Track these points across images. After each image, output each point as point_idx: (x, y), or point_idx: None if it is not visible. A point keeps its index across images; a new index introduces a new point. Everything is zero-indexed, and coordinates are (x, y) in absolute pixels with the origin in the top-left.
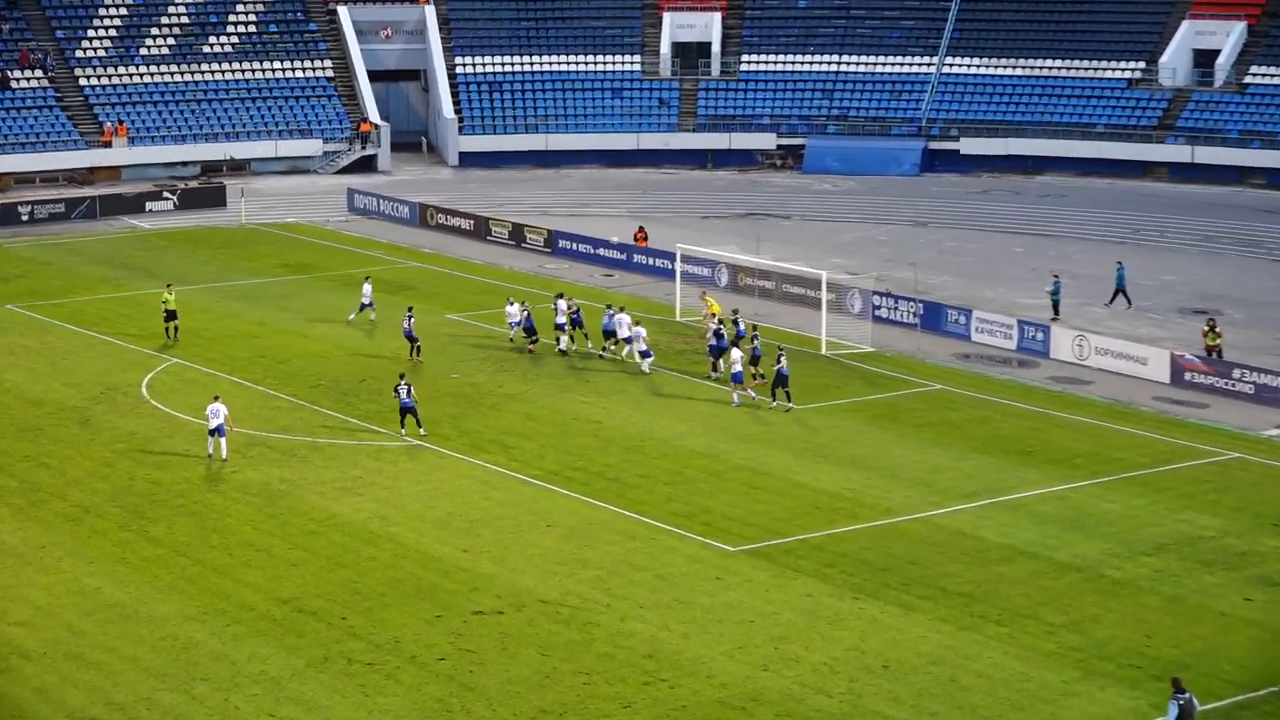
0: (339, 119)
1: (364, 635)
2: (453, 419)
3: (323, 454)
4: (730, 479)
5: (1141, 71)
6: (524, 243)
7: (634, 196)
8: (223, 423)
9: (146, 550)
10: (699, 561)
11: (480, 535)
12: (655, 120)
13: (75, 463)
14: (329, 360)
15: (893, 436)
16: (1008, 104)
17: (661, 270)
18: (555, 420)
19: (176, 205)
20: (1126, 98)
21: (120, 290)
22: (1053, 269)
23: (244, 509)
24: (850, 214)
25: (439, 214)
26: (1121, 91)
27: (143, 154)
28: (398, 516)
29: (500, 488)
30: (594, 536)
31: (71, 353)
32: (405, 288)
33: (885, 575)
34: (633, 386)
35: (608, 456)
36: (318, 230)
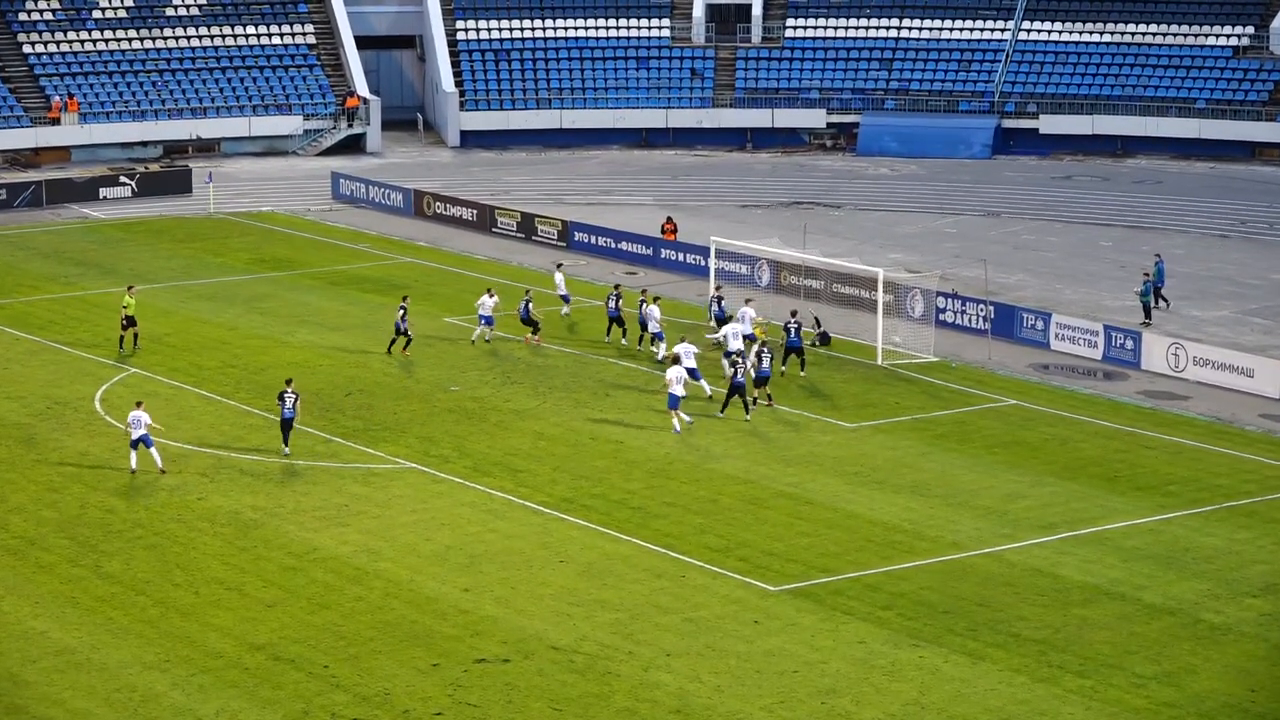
0: (322, 92)
1: (349, 687)
2: (453, 438)
3: (302, 478)
4: (771, 508)
5: (1249, 39)
6: (535, 235)
7: (662, 182)
8: (146, 432)
9: (100, 588)
10: (735, 603)
11: (483, 572)
12: (687, 94)
13: (18, 487)
14: (310, 371)
15: (959, 459)
16: (1094, 76)
17: (693, 267)
18: (570, 440)
19: (135, 192)
20: (1232, 69)
21: (70, 290)
22: (1144, 267)
23: (212, 541)
24: (911, 203)
25: (437, 202)
26: (1226, 61)
27: (96, 133)
28: (388, 550)
29: (506, 517)
30: (614, 574)
31: (14, 361)
32: (398, 287)
33: (949, 619)
34: (659, 402)
35: (630, 482)
36: (297, 221)
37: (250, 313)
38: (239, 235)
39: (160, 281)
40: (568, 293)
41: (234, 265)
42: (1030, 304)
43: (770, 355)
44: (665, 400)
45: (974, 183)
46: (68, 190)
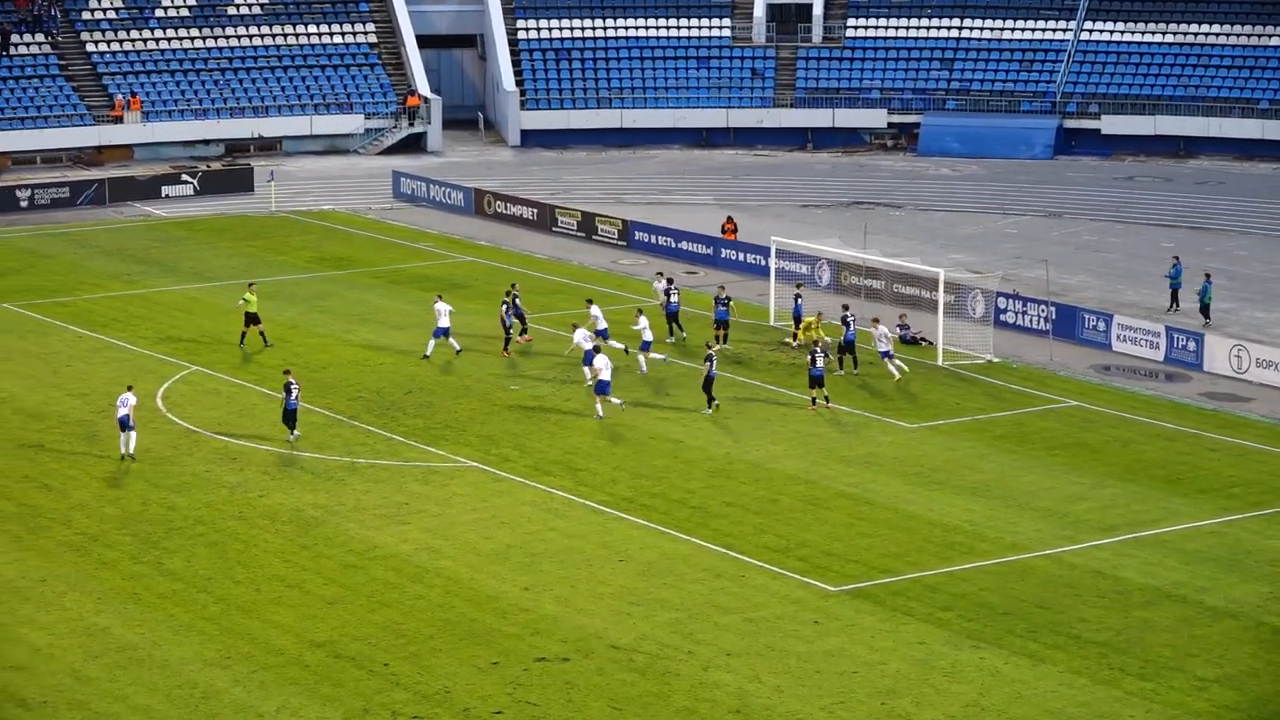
0: (383, 91)
1: (409, 685)
2: (513, 437)
3: (363, 476)
4: (831, 508)
5: None
6: (595, 234)
7: (722, 182)
8: (129, 413)
9: (161, 585)
10: (794, 603)
11: (543, 571)
12: (748, 94)
13: (80, 484)
14: (371, 369)
15: (1020, 460)
16: (1156, 76)
17: (753, 267)
18: (629, 439)
19: (197, 190)
20: None
21: (132, 287)
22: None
23: (273, 539)
24: (972, 203)
25: (497, 201)
26: None
27: (158, 131)
28: (449, 549)
29: (566, 516)
30: (673, 573)
31: (76, 358)
32: (458, 285)
33: (1009, 620)
34: (720, 400)
35: (690, 481)
36: (358, 219)
37: (311, 311)
38: (300, 234)
39: (221, 280)
40: (606, 327)
41: (295, 264)
42: (1092, 305)
43: (825, 355)
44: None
45: (1035, 183)
46: (130, 188)
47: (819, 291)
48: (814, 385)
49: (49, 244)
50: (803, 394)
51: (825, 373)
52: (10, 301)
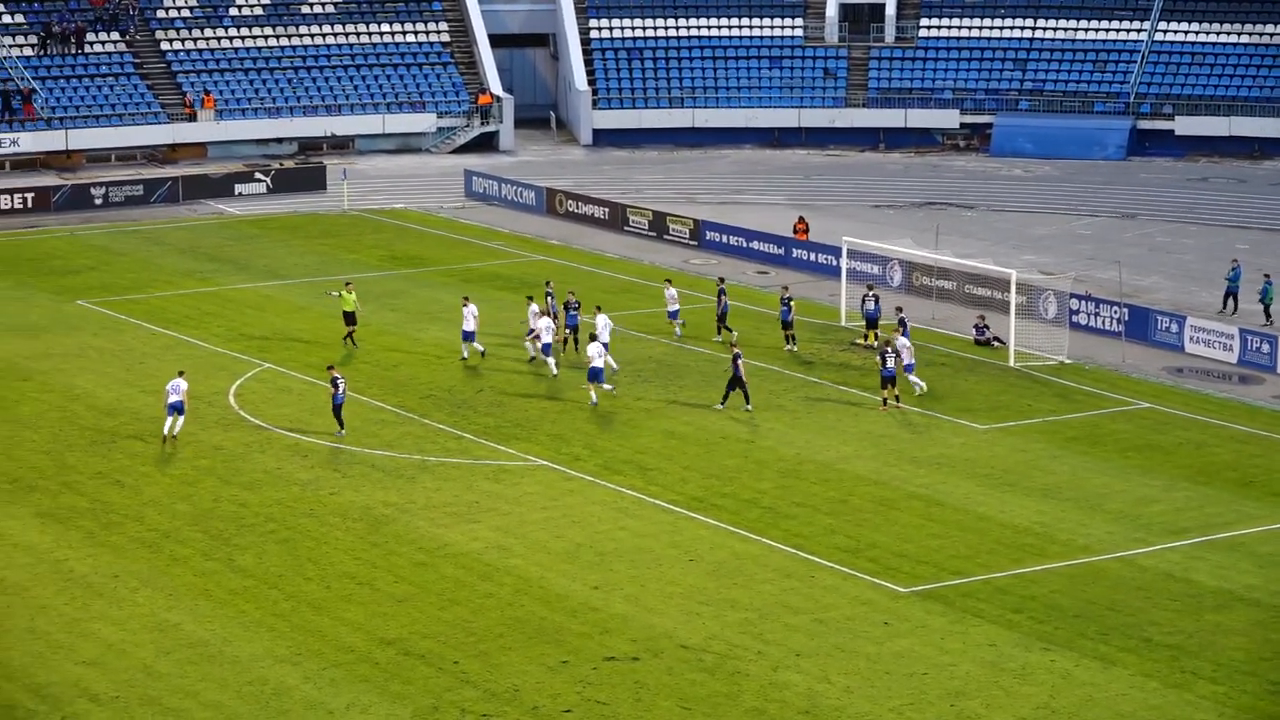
0: (455, 90)
1: (479, 682)
2: (583, 436)
3: (434, 474)
4: (902, 509)
5: None
6: (666, 234)
7: (794, 182)
8: (182, 399)
9: (232, 581)
10: (865, 604)
11: (613, 570)
12: (820, 94)
13: (153, 481)
14: (442, 367)
15: (1091, 462)
16: (1230, 77)
17: (824, 267)
18: (700, 439)
19: (270, 188)
20: None
21: (205, 285)
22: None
23: (344, 536)
24: (1045, 204)
25: (569, 200)
26: None
27: (231, 129)
28: (519, 547)
29: (636, 516)
30: (744, 573)
31: (149, 356)
32: (529, 285)
33: (1080, 623)
34: (789, 401)
35: (760, 481)
36: (430, 218)
37: (382, 309)
38: (372, 232)
39: (293, 278)
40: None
41: (367, 262)
42: (1164, 306)
43: (895, 355)
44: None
45: (1108, 184)
46: (203, 186)
47: (890, 292)
48: (885, 385)
49: (122, 241)
50: (873, 394)
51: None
52: (85, 298)
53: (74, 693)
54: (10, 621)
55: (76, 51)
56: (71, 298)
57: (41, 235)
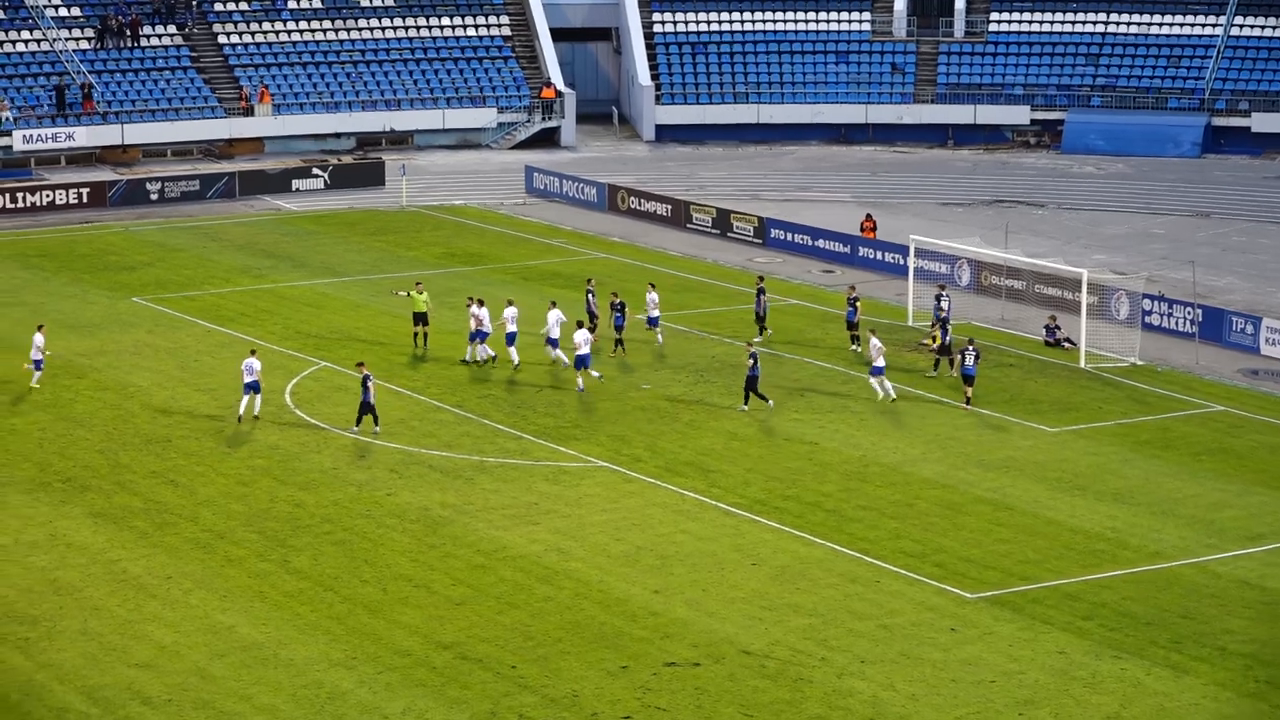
0: (516, 85)
1: (537, 688)
2: (644, 437)
3: (492, 475)
4: (969, 513)
5: None
6: (730, 232)
7: (861, 179)
8: (257, 379)
9: (288, 583)
10: (931, 610)
11: (674, 573)
12: (887, 89)
13: (208, 480)
14: (502, 366)
15: (1164, 466)
16: None
17: (892, 266)
18: (763, 440)
19: (327, 184)
20: None
21: (261, 282)
22: None
23: (400, 538)
24: (1117, 202)
25: (631, 197)
26: None
27: (289, 124)
28: (578, 550)
29: (698, 518)
30: (807, 578)
31: (205, 353)
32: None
33: (1152, 630)
34: (855, 402)
35: (824, 484)
36: (490, 215)
37: (440, 308)
38: (431, 229)
39: (351, 275)
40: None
41: (425, 259)
42: (1239, 307)
43: (976, 354)
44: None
45: (1183, 182)
46: (260, 182)
47: (959, 292)
48: (968, 383)
49: (178, 237)
50: (938, 396)
51: (976, 371)
52: (140, 295)
53: (126, 696)
54: (63, 623)
55: (132, 45)
56: (127, 294)
57: (97, 231)
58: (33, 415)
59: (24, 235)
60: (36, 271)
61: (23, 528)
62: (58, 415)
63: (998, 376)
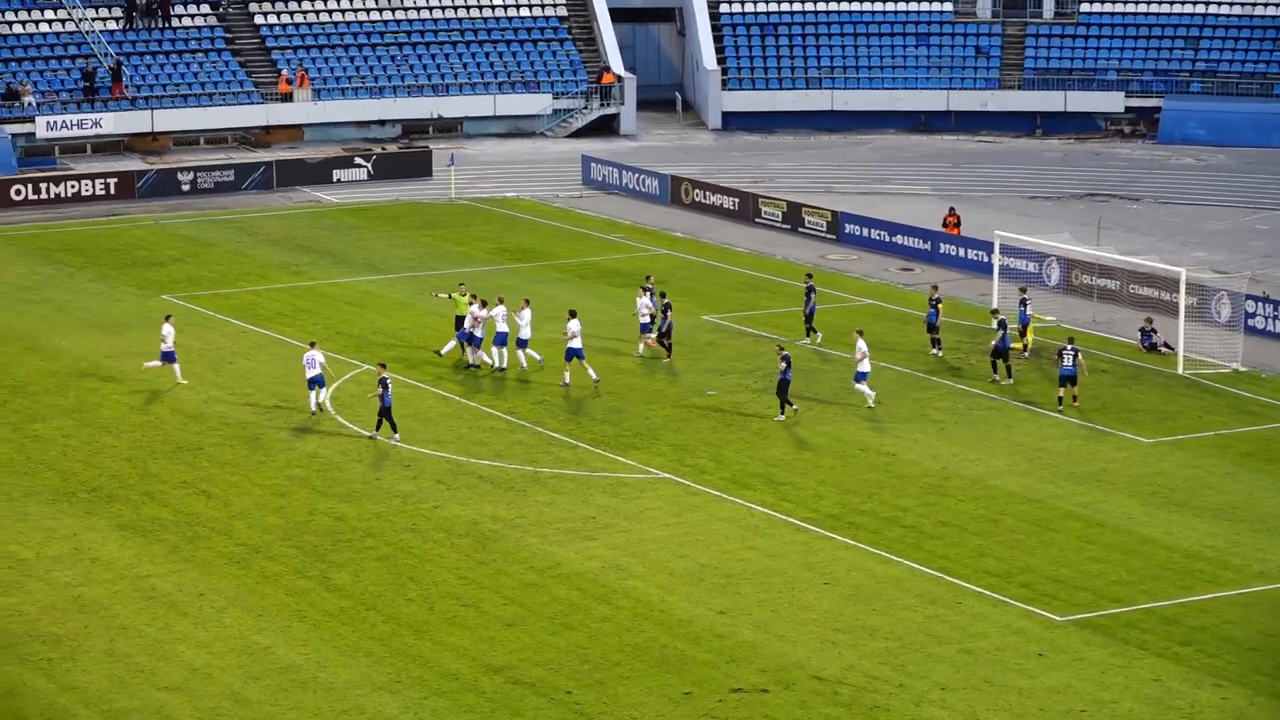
0: (573, 69)
1: (594, 714)
2: (710, 447)
3: (546, 487)
4: (1058, 530)
5: None
6: (802, 227)
7: (942, 170)
8: (320, 371)
9: (328, 602)
10: (1017, 633)
11: (741, 593)
12: (971, 75)
13: (242, 491)
14: (556, 371)
15: (1268, 480)
16: None
17: (974, 264)
18: (837, 450)
19: (370, 174)
20: None
21: (300, 279)
22: None
23: (448, 554)
24: (1218, 196)
25: (696, 189)
26: None
27: (330, 110)
28: (638, 567)
29: (767, 534)
30: (884, 598)
31: (239, 355)
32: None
33: (1255, 657)
34: (935, 410)
35: (902, 498)
36: (544, 208)
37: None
38: (481, 223)
39: (396, 272)
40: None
41: (475, 255)
42: None
43: (1075, 353)
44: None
45: None
46: (299, 172)
47: (1047, 292)
48: (1064, 384)
49: (211, 231)
50: (1025, 403)
51: (1078, 371)
52: (170, 292)
53: None
54: (89, 643)
55: (164, 25)
56: (156, 292)
57: (125, 224)
58: (56, 421)
59: (47, 228)
60: (61, 267)
61: (46, 541)
62: (82, 421)
63: (1089, 383)
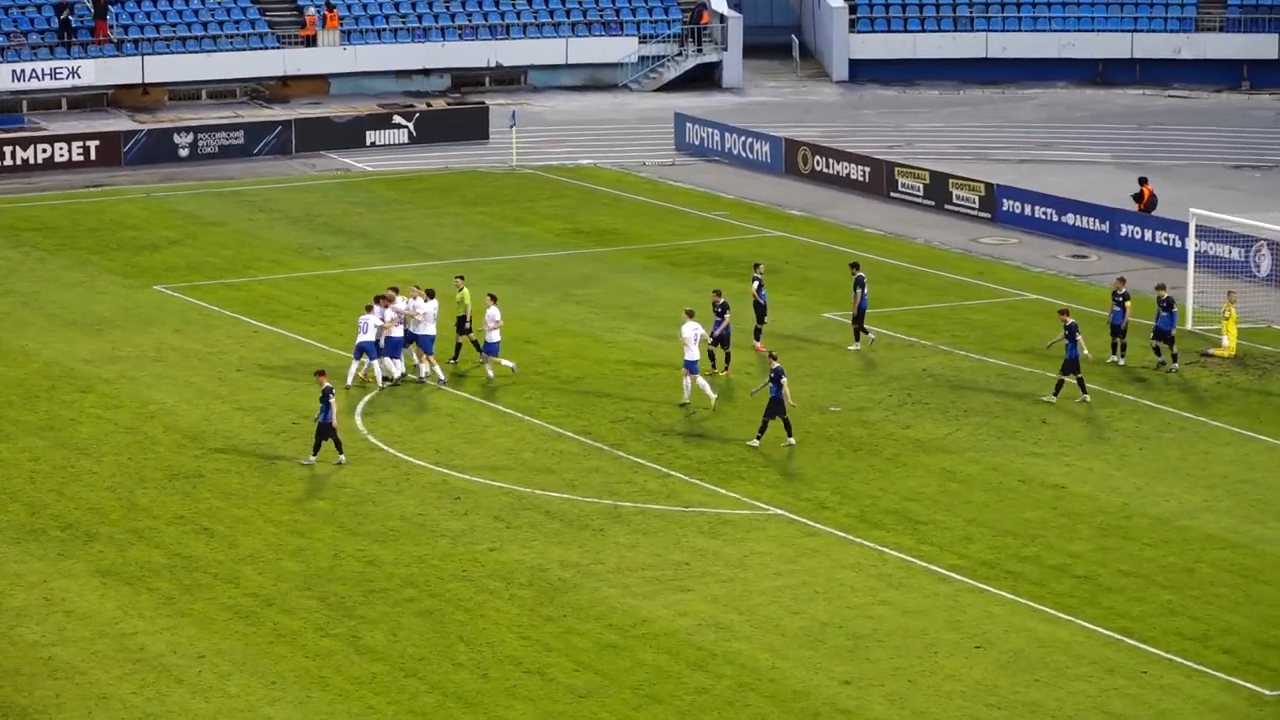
0: (664, 7)
1: None
2: (832, 476)
3: (629, 525)
4: (1269, 582)
5: None
6: (948, 203)
7: (1123, 133)
8: (373, 338)
9: (357, 667)
10: (1216, 710)
11: (870, 659)
12: (1159, 14)
13: (253, 529)
14: (642, 380)
15: None
16: None
17: (1165, 249)
18: (990, 482)
19: (413, 136)
20: None
21: (325, 267)
22: None
23: (507, 607)
24: None
25: (816, 155)
26: None
27: (362, 57)
28: (743, 626)
29: (903, 585)
30: (1049, 666)
31: (250, 360)
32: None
33: None
34: (1115, 431)
35: (1073, 542)
36: (628, 179)
37: (563, 302)
38: (550, 197)
39: (444, 258)
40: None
41: (542, 238)
42: None
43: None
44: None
45: None
46: (324, 134)
47: (1255, 285)
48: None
49: (215, 206)
50: (1229, 424)
51: None
52: (164, 282)
53: None
54: (61, 715)
55: None
56: (147, 282)
57: (108, 197)
58: (23, 441)
59: (14, 203)
60: (29, 251)
61: (9, 589)
62: (56, 441)
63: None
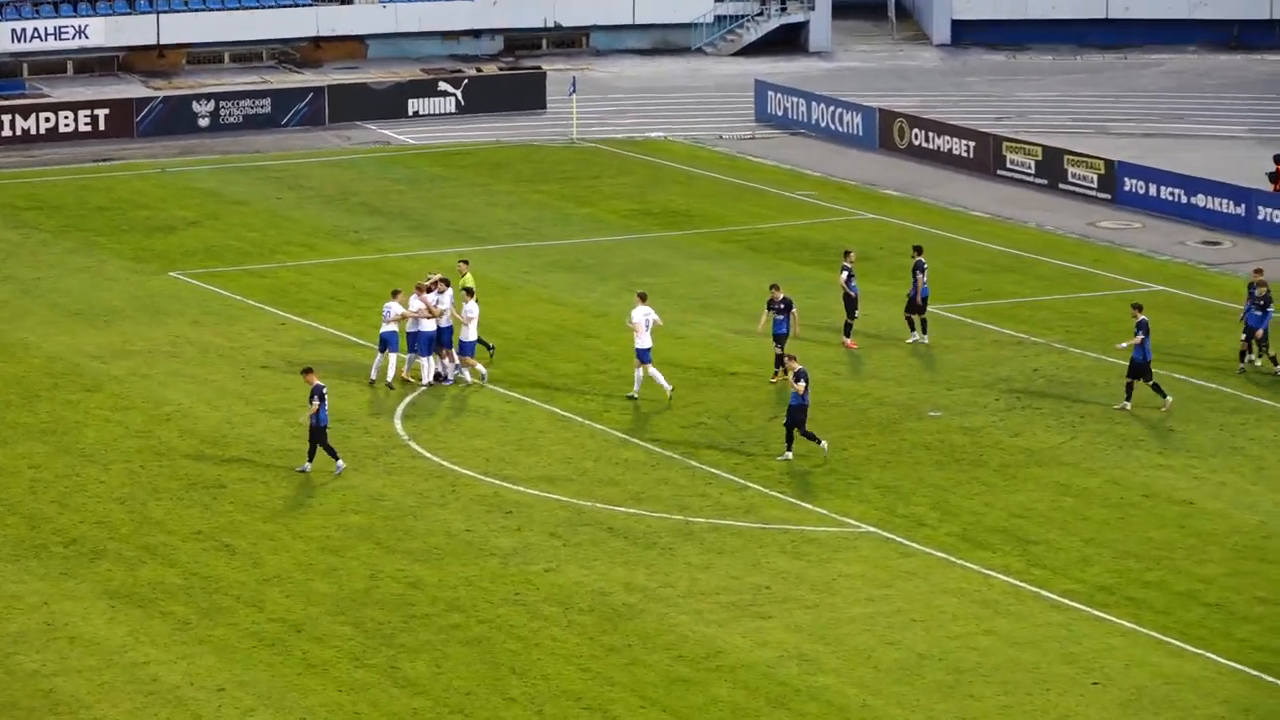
0: None
1: None
2: (931, 490)
3: (702, 544)
4: None
5: None
6: (1063, 182)
7: (1263, 104)
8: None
9: (396, 701)
10: None
11: (975, 695)
12: None
13: (280, 546)
14: (718, 381)
15: None
16: None
17: None
18: (1110, 497)
19: (460, 105)
20: None
21: (361, 251)
22: None
23: (565, 636)
24: None
25: (915, 129)
26: None
27: (403, 15)
28: (830, 658)
29: (1011, 613)
30: (1176, 705)
31: (276, 356)
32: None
33: None
34: (1251, 441)
35: (1203, 565)
36: (702, 153)
37: (629, 291)
38: (614, 174)
39: (495, 242)
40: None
41: (606, 219)
42: None
43: None
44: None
45: None
46: (361, 102)
47: None
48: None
49: (239, 183)
50: None
51: None
52: (181, 269)
53: None
54: None
55: None
56: (161, 267)
57: (119, 173)
58: (22, 446)
59: (14, 178)
60: (30, 232)
61: (6, 612)
62: (59, 446)
63: None
